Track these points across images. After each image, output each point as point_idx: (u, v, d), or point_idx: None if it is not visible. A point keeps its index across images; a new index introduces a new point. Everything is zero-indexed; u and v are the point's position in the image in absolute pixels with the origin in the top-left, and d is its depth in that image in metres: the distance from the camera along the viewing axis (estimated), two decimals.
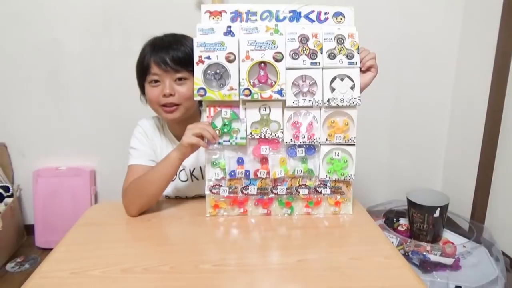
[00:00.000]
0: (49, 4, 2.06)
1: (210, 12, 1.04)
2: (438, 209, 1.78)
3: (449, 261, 1.68)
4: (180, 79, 1.11)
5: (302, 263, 0.86)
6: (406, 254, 1.73)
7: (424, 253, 1.72)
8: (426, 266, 1.70)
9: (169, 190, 1.24)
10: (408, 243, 1.78)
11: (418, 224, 1.85)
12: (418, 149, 2.36)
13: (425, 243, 1.78)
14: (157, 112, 1.18)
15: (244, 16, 1.03)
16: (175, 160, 1.06)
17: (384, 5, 2.13)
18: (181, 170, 1.24)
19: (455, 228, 2.01)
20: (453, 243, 1.77)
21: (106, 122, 2.24)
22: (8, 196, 2.14)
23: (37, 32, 2.09)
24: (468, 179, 2.07)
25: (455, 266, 1.69)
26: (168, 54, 1.09)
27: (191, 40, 1.05)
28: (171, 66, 1.09)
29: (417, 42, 2.19)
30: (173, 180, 1.22)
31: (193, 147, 1.04)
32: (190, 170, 1.24)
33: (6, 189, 2.14)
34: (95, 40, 2.12)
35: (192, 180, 1.25)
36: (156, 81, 1.12)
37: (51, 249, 0.93)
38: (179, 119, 1.14)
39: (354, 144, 1.06)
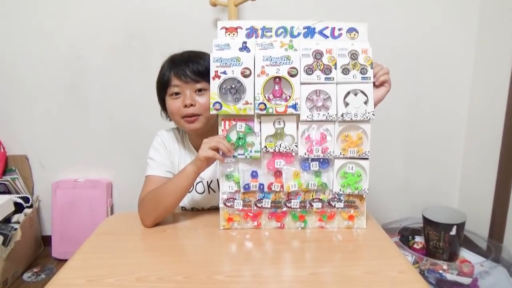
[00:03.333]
0: (73, 22, 2.14)
1: (226, 28, 1.07)
2: (455, 227, 1.76)
3: (466, 280, 1.65)
4: (200, 90, 1.14)
5: (315, 276, 0.86)
6: (422, 272, 1.70)
7: (441, 272, 1.69)
8: (442, 285, 1.66)
9: (185, 202, 1.26)
10: (424, 261, 1.75)
11: (434, 242, 1.82)
12: (434, 165, 2.33)
13: (442, 262, 1.75)
14: (178, 124, 1.21)
15: (260, 32, 1.06)
16: (191, 173, 1.08)
17: (398, 19, 2.14)
18: (198, 182, 1.25)
19: (472, 246, 1.97)
20: (470, 262, 1.73)
21: (124, 136, 2.29)
22: (28, 207, 2.19)
23: (62, 48, 2.17)
24: (486, 196, 2.04)
25: (473, 286, 1.65)
26: (188, 66, 1.13)
27: (208, 55, 1.08)
28: (191, 77, 1.12)
29: (432, 56, 2.19)
30: (190, 192, 1.24)
31: (209, 161, 1.06)
32: (207, 182, 1.26)
33: (26, 199, 2.19)
34: (116, 57, 2.18)
35: (209, 192, 1.26)
36: (177, 93, 1.15)
37: (67, 260, 0.96)
38: (200, 129, 1.16)
39: (367, 158, 1.06)
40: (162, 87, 1.18)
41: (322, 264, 0.91)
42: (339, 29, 1.07)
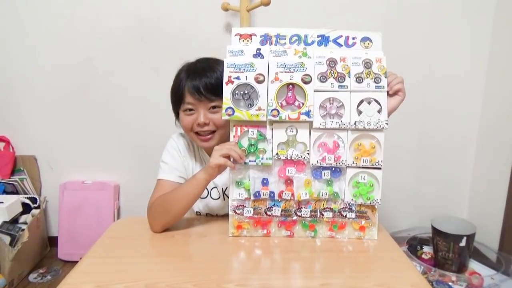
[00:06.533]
0: (84, 24, 2.15)
1: (240, 35, 1.06)
2: (465, 238, 1.74)
3: None
4: (214, 107, 1.13)
5: (326, 287, 0.85)
6: (431, 283, 1.68)
7: (450, 283, 1.67)
8: None
9: (200, 207, 1.26)
10: (432, 272, 1.73)
11: (443, 253, 1.80)
12: (444, 175, 2.31)
13: (450, 273, 1.73)
14: (192, 139, 1.20)
15: (274, 39, 1.06)
16: (202, 181, 1.07)
17: (411, 29, 2.13)
18: (213, 188, 1.25)
19: (482, 258, 1.95)
20: (480, 275, 1.71)
21: (132, 139, 2.29)
22: (35, 208, 2.19)
23: (72, 50, 2.18)
24: (496, 207, 2.01)
25: None
26: (202, 82, 1.10)
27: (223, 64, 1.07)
28: (205, 96, 1.11)
29: (444, 67, 2.17)
30: (205, 198, 1.24)
31: (220, 168, 1.05)
32: (222, 189, 1.25)
33: (34, 200, 2.20)
34: (126, 59, 2.19)
35: (224, 199, 1.25)
36: (191, 109, 1.14)
37: (73, 262, 0.95)
38: (214, 146, 1.14)
39: (380, 168, 1.05)
40: (176, 100, 1.17)
41: (333, 275, 0.90)
42: (353, 38, 1.07)
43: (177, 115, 1.22)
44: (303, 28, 1.07)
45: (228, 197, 1.21)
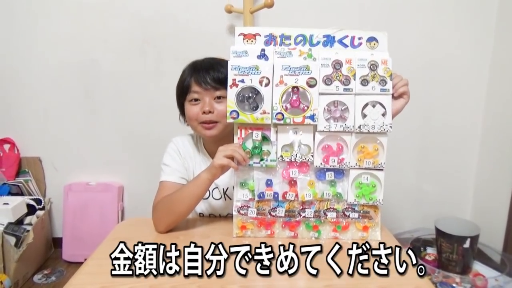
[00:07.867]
0: (88, 26, 2.17)
1: (244, 35, 1.05)
2: (469, 239, 1.73)
3: None
4: (219, 97, 1.15)
5: None
6: (434, 285, 1.67)
7: (453, 285, 1.66)
8: None
9: (203, 208, 1.27)
10: (436, 274, 1.73)
11: (446, 254, 1.80)
12: (447, 175, 2.31)
13: (454, 275, 1.72)
14: (196, 130, 1.21)
15: (278, 39, 1.05)
16: (205, 181, 1.08)
17: (414, 30, 2.14)
18: (214, 188, 1.25)
19: (486, 260, 1.94)
20: (484, 276, 1.70)
21: (136, 141, 2.30)
22: (40, 209, 2.20)
23: (76, 53, 2.20)
24: (500, 208, 2.01)
25: None
26: (209, 73, 1.13)
27: None
28: (211, 85, 1.13)
29: (447, 66, 2.18)
30: (207, 198, 1.24)
31: (224, 169, 1.06)
32: (223, 189, 1.25)
33: (39, 201, 2.21)
34: (130, 61, 2.20)
35: (225, 199, 1.26)
36: (196, 99, 1.16)
37: (77, 263, 0.96)
38: (217, 136, 1.16)
39: (382, 169, 1.05)
40: (182, 92, 1.19)
41: (336, 276, 0.90)
42: (359, 38, 1.06)
43: (181, 109, 1.23)
44: (309, 28, 1.06)
45: (229, 198, 1.23)
